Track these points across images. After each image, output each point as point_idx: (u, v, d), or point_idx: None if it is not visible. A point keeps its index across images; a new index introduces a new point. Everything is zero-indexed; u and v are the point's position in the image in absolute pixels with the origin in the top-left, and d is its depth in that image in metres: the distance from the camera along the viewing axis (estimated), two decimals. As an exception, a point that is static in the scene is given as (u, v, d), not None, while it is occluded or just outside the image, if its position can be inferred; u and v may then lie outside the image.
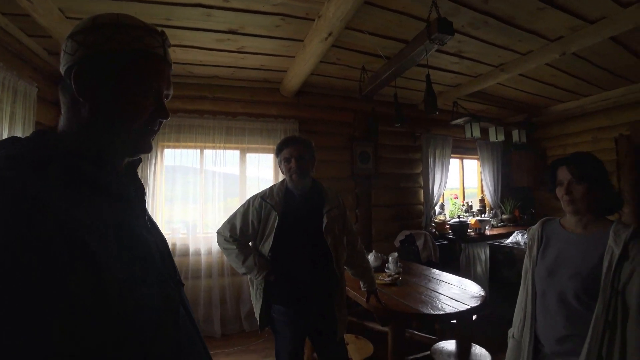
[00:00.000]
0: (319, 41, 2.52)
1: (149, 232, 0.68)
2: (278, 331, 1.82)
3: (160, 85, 0.67)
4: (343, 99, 4.22)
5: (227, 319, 3.52)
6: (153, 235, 0.68)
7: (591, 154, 1.37)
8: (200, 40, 2.70)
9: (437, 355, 2.22)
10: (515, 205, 5.31)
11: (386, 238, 4.37)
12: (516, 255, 3.69)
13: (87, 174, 0.57)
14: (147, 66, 0.64)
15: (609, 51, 3.06)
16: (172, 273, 0.70)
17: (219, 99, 3.67)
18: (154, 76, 0.66)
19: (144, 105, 0.65)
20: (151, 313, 0.57)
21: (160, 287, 0.62)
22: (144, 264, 0.60)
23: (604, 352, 1.14)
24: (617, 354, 1.12)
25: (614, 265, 1.16)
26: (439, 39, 2.22)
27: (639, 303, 1.11)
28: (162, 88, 0.68)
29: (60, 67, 0.64)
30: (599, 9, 2.39)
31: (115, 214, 0.59)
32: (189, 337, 0.68)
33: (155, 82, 0.66)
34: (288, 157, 1.79)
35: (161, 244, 0.71)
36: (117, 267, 0.52)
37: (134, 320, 0.53)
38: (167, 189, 3.55)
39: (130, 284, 0.53)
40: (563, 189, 1.33)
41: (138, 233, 0.63)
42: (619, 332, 1.13)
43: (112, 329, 0.49)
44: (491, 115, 5.30)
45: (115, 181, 0.62)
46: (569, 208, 1.33)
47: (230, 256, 1.85)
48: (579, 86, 4.04)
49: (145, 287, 0.57)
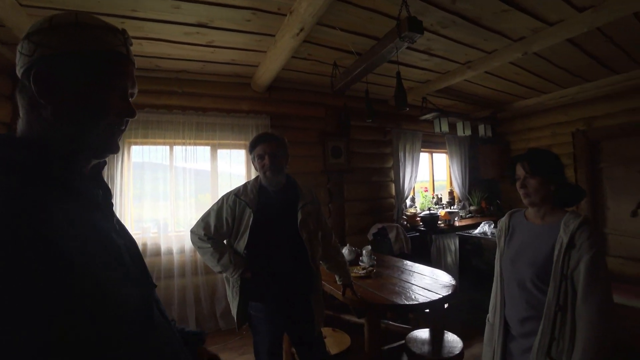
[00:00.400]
0: (291, 36, 2.51)
1: (118, 234, 0.67)
2: (256, 328, 1.83)
3: (124, 84, 0.67)
4: (315, 94, 4.22)
5: (203, 318, 3.47)
6: (122, 238, 0.68)
7: (546, 150, 1.48)
8: (168, 33, 2.61)
9: (412, 343, 2.29)
10: (482, 196, 5.55)
11: (359, 232, 4.45)
12: (483, 245, 3.86)
13: (57, 176, 0.56)
14: (110, 66, 0.64)
15: (566, 52, 3.25)
16: (144, 275, 0.70)
17: (189, 94, 3.56)
18: (118, 75, 0.65)
19: (109, 105, 0.64)
20: (126, 315, 0.56)
21: (133, 289, 0.61)
22: (116, 267, 0.59)
23: (556, 332, 1.25)
24: (568, 333, 1.23)
25: (563, 254, 1.27)
26: (409, 37, 2.26)
27: (584, 286, 1.22)
28: (126, 87, 0.68)
29: (17, 69, 0.61)
30: (557, 12, 2.53)
31: (86, 217, 0.58)
32: (166, 338, 0.69)
33: (120, 81, 0.66)
34: (262, 153, 1.78)
35: (131, 246, 0.70)
36: (90, 269, 0.51)
37: (108, 323, 0.52)
38: (136, 186, 3.42)
39: (103, 286, 0.53)
40: (519, 183, 1.44)
41: (108, 236, 0.62)
42: (569, 314, 1.24)
43: (85, 332, 0.48)
44: (459, 110, 5.49)
45: (83, 184, 0.61)
46: (525, 201, 1.45)
47: (205, 255, 1.82)
48: (539, 84, 4.26)
49: (118, 289, 0.57)
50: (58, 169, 0.57)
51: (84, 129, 0.62)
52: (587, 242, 1.24)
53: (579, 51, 3.24)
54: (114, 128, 0.66)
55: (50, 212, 0.50)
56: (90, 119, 0.62)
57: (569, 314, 1.24)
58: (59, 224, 0.50)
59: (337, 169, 4.34)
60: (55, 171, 0.56)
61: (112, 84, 0.64)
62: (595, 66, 3.67)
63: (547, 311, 1.27)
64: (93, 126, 0.62)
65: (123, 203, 3.24)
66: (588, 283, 1.21)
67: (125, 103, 0.67)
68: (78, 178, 0.61)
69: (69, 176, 0.58)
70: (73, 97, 0.60)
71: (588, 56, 3.38)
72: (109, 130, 0.65)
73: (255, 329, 1.83)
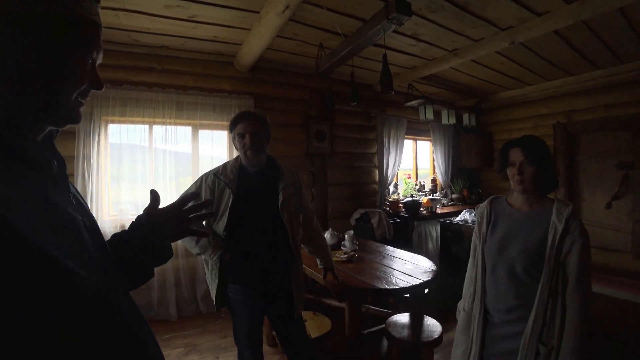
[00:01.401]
0: (276, 14, 2.42)
1: (75, 209, 0.62)
2: (235, 311, 1.80)
3: (97, 53, 0.63)
4: (299, 76, 4.14)
5: (183, 301, 3.43)
6: (79, 212, 0.63)
7: (540, 137, 1.47)
8: (147, 5, 2.47)
9: (392, 327, 2.32)
10: (464, 185, 5.64)
11: (342, 216, 4.45)
12: (464, 232, 3.93)
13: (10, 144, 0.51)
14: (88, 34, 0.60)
15: (552, 44, 3.28)
16: (102, 251, 0.66)
17: (169, 71, 3.43)
18: (93, 44, 0.62)
19: (85, 74, 0.61)
20: (86, 294, 0.53)
21: (96, 266, 0.58)
22: (74, 243, 0.55)
23: (547, 317, 1.27)
24: (559, 317, 1.26)
25: (557, 240, 1.28)
26: (396, 19, 2.23)
27: (576, 272, 1.25)
28: (97, 57, 0.64)
29: None
30: (545, 3, 2.54)
31: (41, 189, 0.54)
32: (132, 317, 0.65)
33: (93, 50, 0.62)
34: (242, 132, 1.72)
35: (89, 221, 0.65)
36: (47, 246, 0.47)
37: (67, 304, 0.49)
38: (114, 167, 3.29)
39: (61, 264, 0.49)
40: (515, 169, 1.41)
41: (64, 210, 0.57)
42: (560, 299, 1.27)
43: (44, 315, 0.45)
44: (444, 98, 5.51)
45: (36, 153, 0.56)
46: (519, 187, 1.42)
47: (182, 236, 1.77)
48: (523, 75, 4.30)
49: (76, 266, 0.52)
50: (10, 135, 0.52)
51: (48, 98, 0.57)
52: (578, 229, 1.27)
53: (564, 44, 3.27)
54: (81, 98, 0.63)
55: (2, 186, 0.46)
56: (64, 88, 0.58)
57: (560, 298, 1.26)
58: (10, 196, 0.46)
59: (321, 152, 4.30)
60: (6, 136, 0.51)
61: (87, 53, 0.61)
62: (578, 60, 3.72)
63: (540, 297, 1.27)
64: (58, 96, 0.58)
65: (100, 184, 3.12)
66: (581, 269, 1.24)
67: (95, 73, 0.64)
68: (30, 146, 0.56)
69: (23, 143, 0.53)
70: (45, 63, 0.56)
71: (573, 50, 3.42)
72: (77, 100, 0.62)
73: (235, 312, 1.81)
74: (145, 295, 3.24)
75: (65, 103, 0.60)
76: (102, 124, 3.15)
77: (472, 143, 5.65)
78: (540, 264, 1.30)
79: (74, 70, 0.59)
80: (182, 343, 2.88)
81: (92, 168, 3.05)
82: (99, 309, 0.54)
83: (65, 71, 0.58)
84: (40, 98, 0.57)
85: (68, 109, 0.61)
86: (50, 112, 0.59)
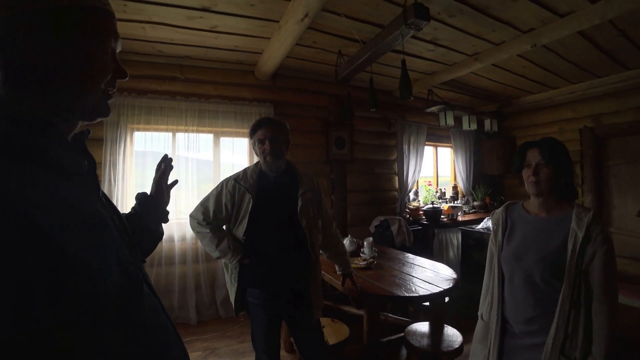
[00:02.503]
0: (295, 22, 2.46)
1: (104, 207, 0.63)
2: (253, 315, 1.81)
3: (115, 42, 0.64)
4: (319, 83, 4.18)
5: (203, 305, 3.48)
6: (109, 211, 0.64)
7: (559, 140, 1.41)
8: (171, 17, 2.57)
9: (411, 336, 2.27)
10: (486, 192, 5.50)
11: (361, 223, 4.42)
12: (486, 240, 3.82)
13: (34, 144, 0.51)
14: (104, 24, 0.61)
15: (577, 45, 3.17)
16: (131, 250, 0.66)
17: (191, 81, 3.54)
18: (111, 34, 0.62)
19: (108, 65, 0.62)
20: (114, 291, 0.53)
21: (121, 265, 0.58)
22: (102, 241, 0.55)
23: (570, 329, 1.19)
24: (582, 330, 1.18)
25: (578, 248, 1.21)
26: (415, 24, 2.22)
27: (601, 283, 1.18)
28: (116, 46, 0.65)
29: None
30: (568, 3, 2.46)
31: (67, 189, 0.54)
32: (156, 315, 0.65)
33: (112, 40, 0.63)
34: (262, 138, 1.75)
35: (117, 219, 0.66)
36: (72, 245, 0.47)
37: (94, 301, 0.49)
38: (138, 174, 3.42)
39: (88, 263, 0.49)
40: (531, 170, 1.36)
41: (93, 209, 0.58)
42: (583, 310, 1.19)
43: (69, 312, 0.45)
44: (464, 104, 5.42)
45: (65, 154, 0.56)
46: (533, 189, 1.36)
47: (203, 240, 1.81)
48: (547, 78, 4.19)
49: (105, 265, 0.53)
50: (32, 135, 0.52)
51: (77, 91, 0.58)
52: (601, 236, 1.20)
53: (589, 45, 3.16)
54: (107, 90, 0.64)
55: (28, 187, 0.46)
56: (85, 81, 0.59)
57: (583, 310, 1.19)
58: (39, 198, 0.46)
59: (341, 159, 4.30)
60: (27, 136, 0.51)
61: (107, 44, 0.62)
62: (605, 61, 3.58)
63: (561, 308, 1.20)
64: (93, 88, 0.60)
65: (125, 189, 3.23)
66: (606, 278, 1.17)
67: (117, 63, 0.65)
68: (60, 147, 0.56)
69: (46, 143, 0.53)
70: (71, 57, 0.56)
71: (599, 50, 3.30)
72: (103, 92, 0.63)
73: (253, 316, 1.82)
74: (167, 299, 3.31)
75: (93, 96, 0.61)
76: (128, 132, 3.27)
77: (494, 149, 5.51)
78: (559, 273, 1.23)
79: (96, 61, 0.60)
80: (202, 346, 2.92)
81: (118, 174, 3.17)
82: (118, 312, 0.54)
83: (88, 63, 0.59)
84: (69, 93, 0.58)
85: (97, 102, 0.62)
86: (80, 105, 0.60)
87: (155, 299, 0.68)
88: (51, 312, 0.43)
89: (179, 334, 0.72)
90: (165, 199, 1.10)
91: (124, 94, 3.18)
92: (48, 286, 0.43)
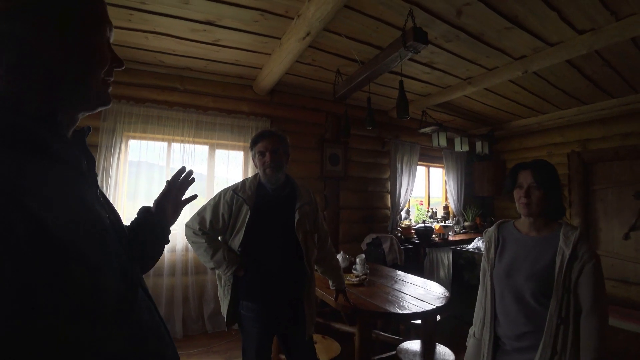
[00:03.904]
0: (297, 40, 2.53)
1: (102, 206, 0.63)
2: (245, 328, 1.78)
3: (109, 30, 0.65)
4: (316, 100, 4.25)
5: (190, 318, 3.40)
6: (106, 210, 0.64)
7: (550, 162, 1.46)
8: (175, 28, 2.62)
9: (403, 354, 2.26)
10: (477, 213, 5.57)
11: (353, 240, 4.42)
12: (477, 260, 3.85)
13: (36, 135, 0.51)
14: (98, 12, 0.62)
15: (565, 73, 3.32)
16: (127, 250, 0.66)
17: (190, 92, 3.56)
18: (104, 21, 0.63)
19: (105, 54, 0.62)
20: (110, 291, 0.52)
21: (119, 264, 0.57)
22: (101, 239, 0.55)
23: (558, 346, 1.21)
24: (569, 347, 1.20)
25: (565, 265, 1.24)
26: (413, 47, 2.30)
27: (589, 298, 1.21)
28: (110, 34, 0.66)
29: None
30: (558, 33, 2.59)
31: (69, 185, 0.54)
32: (151, 318, 0.64)
33: (106, 28, 0.63)
34: (263, 150, 1.77)
35: (114, 219, 0.66)
36: (71, 241, 0.47)
37: (93, 297, 0.48)
38: (130, 184, 3.37)
39: (86, 261, 0.49)
40: (522, 192, 1.40)
41: (93, 208, 0.57)
42: (571, 327, 1.21)
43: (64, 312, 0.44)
44: (457, 126, 5.55)
45: (66, 148, 0.56)
46: (524, 210, 1.40)
47: (198, 250, 1.79)
48: (537, 103, 4.33)
49: (103, 264, 0.52)
50: (36, 126, 0.52)
51: (80, 79, 0.59)
52: (587, 253, 1.24)
53: (577, 73, 3.31)
54: (107, 79, 0.64)
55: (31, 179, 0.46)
56: (89, 70, 0.59)
57: (571, 327, 1.21)
58: (42, 193, 0.46)
59: (334, 175, 4.33)
60: (32, 127, 0.51)
61: (102, 31, 0.62)
62: (592, 89, 3.74)
63: (548, 325, 1.23)
64: (92, 77, 0.60)
65: (116, 198, 3.19)
66: (594, 294, 1.20)
67: (112, 52, 0.65)
68: (58, 141, 0.55)
69: (50, 135, 0.53)
70: (67, 46, 0.56)
71: (586, 79, 3.45)
72: (104, 81, 0.63)
73: (245, 329, 1.79)
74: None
75: (94, 85, 0.61)
76: (123, 139, 3.25)
77: (485, 171, 5.62)
78: (548, 290, 1.26)
79: (95, 50, 0.60)
80: (188, 362, 2.84)
81: (110, 182, 3.13)
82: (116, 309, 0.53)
83: (88, 53, 0.59)
84: (70, 83, 0.58)
85: (97, 91, 0.62)
86: (82, 95, 0.60)
87: (150, 301, 0.67)
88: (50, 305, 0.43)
89: (171, 338, 0.72)
90: (166, 219, 1.00)
91: (122, 102, 3.18)
92: (48, 280, 0.42)
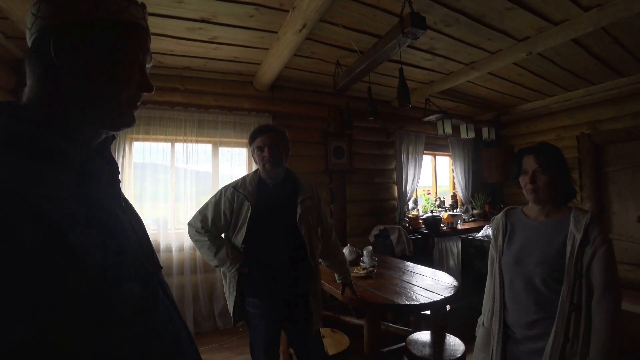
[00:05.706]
0: (293, 33, 2.49)
1: (124, 212, 0.64)
2: (252, 325, 1.78)
3: (144, 57, 0.66)
4: (317, 93, 4.21)
5: (201, 316, 3.44)
6: (128, 215, 0.65)
7: (554, 145, 1.42)
8: (171, 28, 2.60)
9: (413, 345, 2.24)
10: (485, 200, 5.49)
11: (361, 233, 4.41)
12: (487, 248, 3.80)
13: (56, 148, 0.53)
14: (134, 37, 0.63)
15: (572, 53, 3.22)
16: (149, 255, 0.67)
17: (191, 91, 3.56)
18: (140, 48, 0.64)
19: (132, 77, 0.63)
20: (129, 297, 0.54)
21: (138, 271, 0.59)
22: (120, 246, 0.56)
23: (570, 333, 1.18)
24: (582, 333, 1.17)
25: (576, 250, 1.20)
26: (412, 33, 2.24)
27: (601, 283, 1.17)
28: (145, 60, 0.67)
29: (27, 34, 0.58)
30: (562, 11, 2.50)
31: (88, 193, 0.55)
32: (171, 322, 0.65)
33: (141, 54, 0.65)
34: (261, 145, 1.75)
35: (137, 224, 0.67)
36: (91, 249, 0.48)
37: (109, 306, 0.49)
38: (136, 186, 3.40)
39: (105, 267, 0.50)
40: (528, 178, 1.35)
41: (113, 213, 0.59)
42: (583, 313, 1.18)
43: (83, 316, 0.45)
44: (462, 112, 5.46)
45: (88, 158, 0.58)
46: (532, 197, 1.36)
47: (201, 248, 1.79)
48: (544, 86, 4.22)
49: (122, 270, 0.54)
50: (58, 139, 0.54)
51: (105, 99, 0.60)
52: (600, 237, 1.20)
53: (584, 52, 3.20)
54: (132, 101, 0.65)
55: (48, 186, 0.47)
56: (112, 90, 0.61)
57: (584, 312, 1.18)
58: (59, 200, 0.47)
59: (340, 169, 4.31)
60: (54, 140, 0.53)
61: (134, 56, 0.63)
62: (601, 68, 3.62)
63: (560, 311, 1.20)
64: (115, 97, 0.61)
65: (123, 200, 3.21)
66: (606, 278, 1.16)
67: (144, 77, 0.67)
68: (82, 152, 0.57)
69: (70, 147, 0.55)
70: (97, 66, 0.58)
71: (594, 58, 3.34)
72: (128, 102, 0.64)
73: (252, 326, 1.79)
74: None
75: (115, 106, 0.62)
76: (127, 142, 3.28)
77: (492, 157, 5.53)
78: (560, 276, 1.22)
79: (119, 72, 0.61)
80: (200, 359, 2.87)
81: (117, 185, 3.15)
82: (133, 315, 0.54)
83: (112, 74, 0.61)
84: (92, 102, 0.59)
85: (120, 112, 0.63)
86: (102, 115, 0.61)
87: (172, 306, 0.68)
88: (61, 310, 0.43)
89: (194, 342, 0.72)
90: None
91: (123, 105, 3.19)
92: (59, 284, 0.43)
